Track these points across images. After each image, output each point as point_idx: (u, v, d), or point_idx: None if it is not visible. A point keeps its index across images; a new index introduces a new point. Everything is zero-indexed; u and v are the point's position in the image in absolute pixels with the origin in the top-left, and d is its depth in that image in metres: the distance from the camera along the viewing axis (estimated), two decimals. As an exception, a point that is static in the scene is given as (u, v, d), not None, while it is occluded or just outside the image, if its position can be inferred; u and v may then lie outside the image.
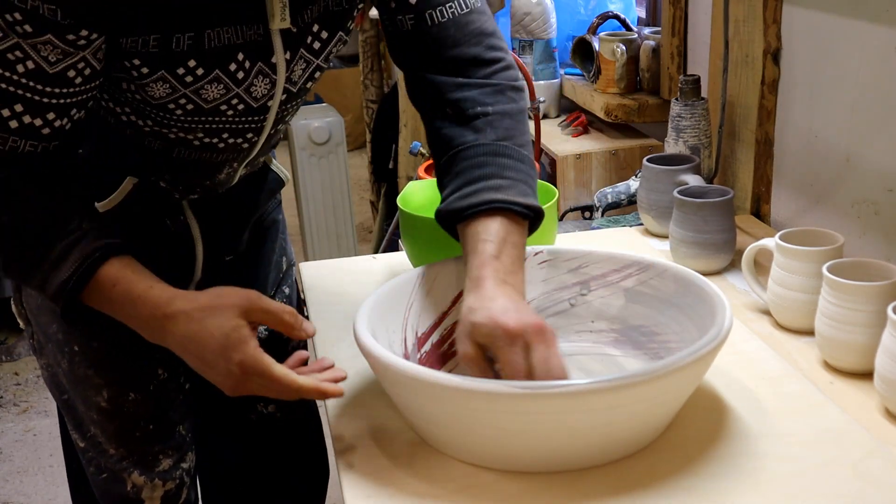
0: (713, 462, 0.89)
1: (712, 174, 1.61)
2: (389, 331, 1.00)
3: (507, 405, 0.82)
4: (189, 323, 0.92)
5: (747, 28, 1.51)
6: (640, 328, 1.06)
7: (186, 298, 0.94)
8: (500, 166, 1.01)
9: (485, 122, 1.04)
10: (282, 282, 1.38)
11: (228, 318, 0.92)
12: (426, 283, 1.06)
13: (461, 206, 1.00)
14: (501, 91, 1.06)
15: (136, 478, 1.24)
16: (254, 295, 0.94)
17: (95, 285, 0.94)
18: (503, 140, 1.03)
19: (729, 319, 0.91)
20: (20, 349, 3.15)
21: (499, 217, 0.98)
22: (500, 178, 1.00)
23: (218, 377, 0.93)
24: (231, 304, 0.93)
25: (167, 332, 0.94)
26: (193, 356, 0.94)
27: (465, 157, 1.03)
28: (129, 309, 0.95)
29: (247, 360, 0.91)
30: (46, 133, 0.96)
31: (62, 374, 1.23)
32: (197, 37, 0.96)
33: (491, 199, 0.98)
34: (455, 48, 1.06)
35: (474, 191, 1.00)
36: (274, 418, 1.42)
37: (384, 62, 3.95)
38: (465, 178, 1.01)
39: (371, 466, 0.91)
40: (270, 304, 0.94)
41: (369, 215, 4.12)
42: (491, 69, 1.07)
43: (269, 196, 1.34)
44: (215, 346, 0.91)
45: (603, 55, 2.04)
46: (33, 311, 1.22)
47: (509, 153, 1.03)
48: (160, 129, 1.07)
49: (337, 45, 1.09)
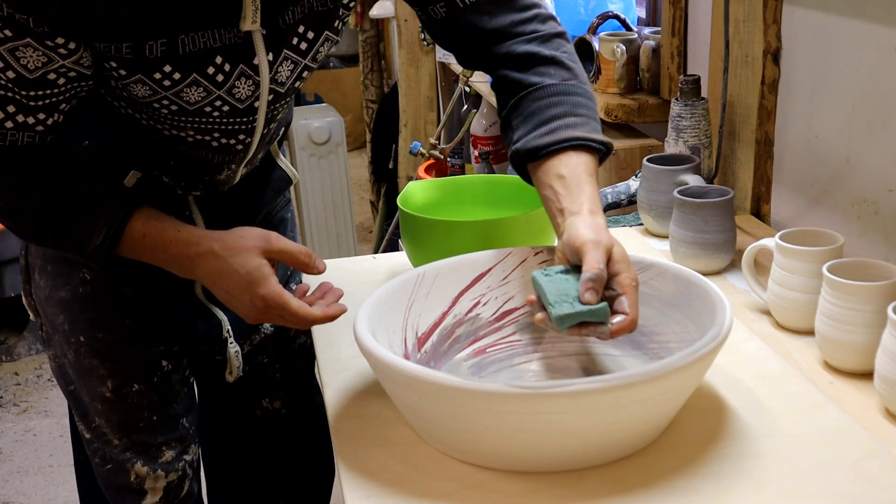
0: (713, 462, 0.89)
1: (712, 174, 1.61)
2: (389, 331, 1.00)
3: (507, 405, 0.82)
4: (217, 261, 1.03)
5: (747, 28, 1.51)
6: (641, 328, 1.06)
7: (213, 238, 1.04)
8: (573, 104, 1.05)
9: (547, 66, 1.08)
10: (290, 279, 1.39)
11: (252, 258, 1.03)
12: (426, 283, 1.06)
13: (542, 143, 1.02)
14: (550, 38, 1.10)
15: (139, 468, 1.25)
16: (273, 236, 1.05)
17: (127, 241, 1.04)
18: (568, 80, 1.07)
19: (729, 319, 0.91)
20: (20, 349, 3.16)
21: (580, 153, 1.01)
22: (575, 116, 1.04)
23: (242, 308, 1.04)
24: (253, 246, 1.04)
25: (198, 267, 1.04)
26: (222, 290, 1.04)
27: (535, 98, 1.06)
28: (161, 253, 1.05)
29: (269, 294, 1.02)
30: (41, 130, 1.00)
31: (68, 364, 1.24)
32: (170, 42, 0.97)
33: (572, 136, 1.02)
34: (493, 19, 1.10)
35: (554, 128, 1.03)
36: (279, 415, 1.42)
37: (384, 62, 3.95)
38: (539, 117, 1.05)
39: (371, 466, 0.91)
40: (288, 245, 1.05)
41: (369, 215, 4.13)
42: (533, 24, 1.11)
43: (275, 194, 1.34)
44: (241, 282, 1.02)
45: (603, 55, 2.04)
46: (41, 302, 1.23)
47: (578, 91, 1.07)
48: (154, 125, 1.08)
49: (325, 44, 1.09)
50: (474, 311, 1.09)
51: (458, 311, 1.08)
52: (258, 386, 1.40)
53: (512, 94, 1.09)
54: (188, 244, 1.04)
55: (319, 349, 1.17)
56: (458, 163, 2.90)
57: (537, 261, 1.10)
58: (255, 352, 1.36)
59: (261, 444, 1.45)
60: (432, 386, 0.84)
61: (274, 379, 1.41)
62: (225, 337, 1.27)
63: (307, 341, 1.40)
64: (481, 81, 2.61)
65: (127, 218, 1.03)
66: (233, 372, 1.29)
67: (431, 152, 2.64)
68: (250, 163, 1.20)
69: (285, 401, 1.42)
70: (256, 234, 1.05)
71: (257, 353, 1.36)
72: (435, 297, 1.07)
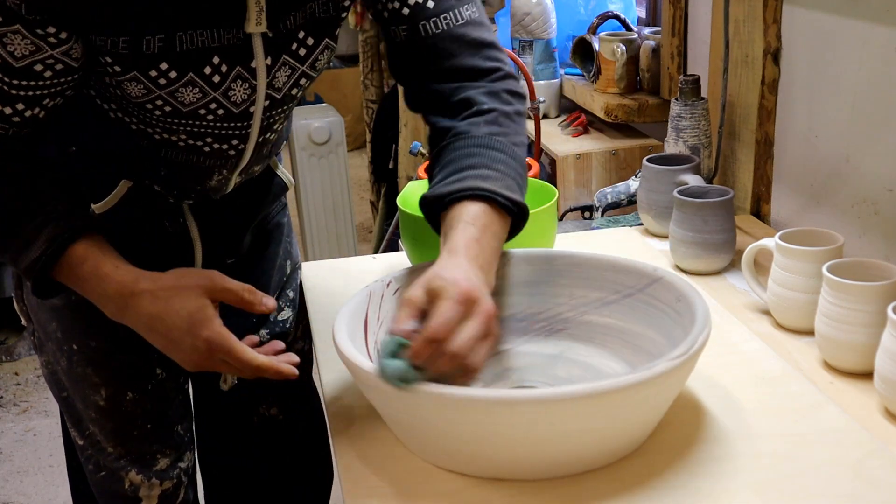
0: (712, 462, 0.89)
1: (712, 174, 1.61)
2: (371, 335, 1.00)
3: (479, 412, 0.81)
4: (155, 302, 0.97)
5: (747, 28, 1.51)
6: (618, 333, 1.05)
7: (151, 279, 0.98)
8: (491, 158, 1.00)
9: (479, 118, 1.03)
10: (286, 285, 1.38)
11: (193, 298, 0.97)
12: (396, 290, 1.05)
13: (444, 191, 0.98)
14: (498, 94, 1.06)
15: (133, 476, 1.24)
16: (216, 275, 1.00)
17: (65, 262, 0.98)
18: (497, 135, 1.02)
19: (708, 328, 0.89)
20: (20, 349, 3.15)
21: (482, 204, 0.96)
22: (489, 169, 0.99)
23: (182, 354, 0.98)
24: (195, 285, 0.98)
25: (132, 310, 0.98)
26: (159, 334, 0.98)
27: (455, 148, 1.02)
28: (96, 286, 0.99)
29: (213, 337, 0.96)
30: (17, 121, 0.98)
31: (61, 372, 1.23)
32: (168, 39, 0.95)
33: (475, 186, 0.97)
34: (452, 59, 1.06)
35: (460, 178, 0.98)
36: (276, 421, 1.42)
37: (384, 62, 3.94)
38: (453, 167, 1.00)
39: (370, 469, 0.91)
40: (231, 283, 1.00)
41: (369, 215, 4.12)
42: (490, 77, 1.07)
43: (271, 200, 1.33)
44: (181, 324, 0.96)
45: (603, 55, 2.04)
46: (34, 308, 1.22)
47: (501, 147, 1.01)
48: (145, 129, 1.06)
49: (324, 52, 1.08)
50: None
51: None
52: (255, 393, 1.39)
53: (438, 141, 1.05)
54: (123, 284, 0.98)
55: (319, 351, 1.17)
56: (458, 163, 2.89)
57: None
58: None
59: (259, 451, 1.44)
60: (408, 394, 0.83)
61: (271, 386, 1.40)
62: None
63: (304, 347, 1.40)
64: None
65: (71, 240, 0.98)
66: (227, 381, 1.28)
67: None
68: (245, 172, 1.19)
69: (282, 407, 1.41)
70: (198, 273, 1.00)
71: None
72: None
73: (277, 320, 1.35)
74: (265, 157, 1.21)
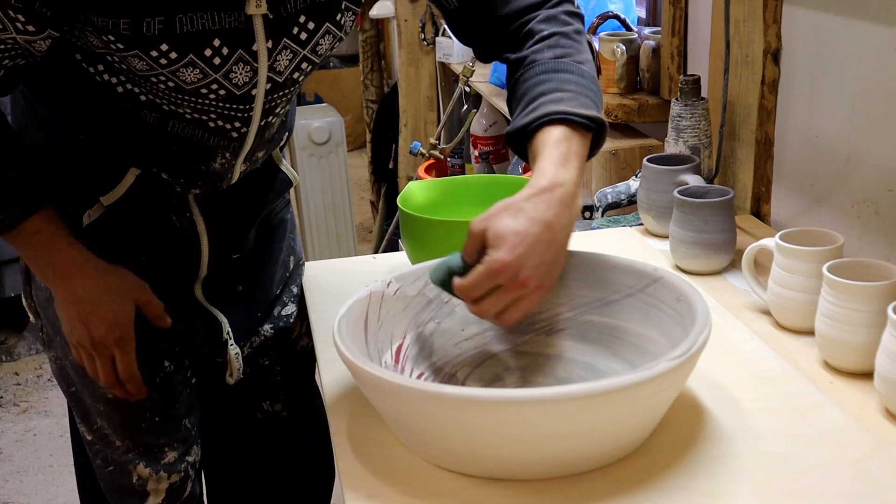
0: (712, 462, 0.89)
1: (712, 174, 1.61)
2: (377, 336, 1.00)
3: (479, 412, 0.81)
4: (95, 289, 1.11)
5: (747, 28, 1.51)
6: (618, 333, 1.05)
7: (98, 267, 1.12)
8: (561, 80, 1.02)
9: (542, 44, 1.06)
10: (289, 280, 1.38)
11: (126, 302, 1.13)
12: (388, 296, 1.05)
13: (523, 123, 1.00)
14: (556, 17, 1.09)
15: (141, 470, 1.25)
16: (147, 288, 1.16)
17: (21, 230, 1.08)
18: (562, 57, 1.05)
19: (708, 328, 0.89)
20: (20, 349, 3.16)
21: (561, 126, 0.98)
22: (561, 92, 1.01)
23: (82, 335, 1.13)
24: (131, 289, 1.14)
25: (69, 283, 1.11)
26: (77, 312, 1.12)
27: (526, 78, 1.04)
28: (45, 256, 1.10)
29: (124, 337, 1.13)
30: None
31: (70, 366, 1.24)
32: (168, 21, 0.96)
33: (551, 111, 0.99)
34: (506, 5, 1.09)
35: (536, 106, 1.00)
36: (280, 417, 1.42)
37: (384, 62, 3.95)
38: (528, 96, 1.03)
39: (371, 467, 0.91)
40: (155, 300, 1.17)
41: (369, 215, 4.13)
42: (547, 5, 1.10)
43: (276, 196, 1.34)
44: (106, 316, 1.11)
45: (603, 55, 2.04)
46: (42, 304, 1.23)
47: (568, 68, 1.04)
48: (153, 99, 1.07)
49: (325, 37, 1.08)
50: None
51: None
52: (259, 388, 1.40)
53: (511, 76, 1.08)
54: (73, 259, 1.10)
55: (319, 350, 1.17)
56: (458, 163, 2.90)
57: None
58: (256, 354, 1.36)
59: (261, 446, 1.45)
60: (394, 387, 0.84)
61: (275, 381, 1.41)
62: (225, 339, 1.27)
63: (308, 344, 1.40)
64: (481, 81, 2.61)
65: (28, 215, 1.06)
66: (233, 374, 1.28)
67: (431, 152, 2.65)
68: (249, 160, 1.19)
69: (286, 403, 1.42)
70: (135, 281, 1.15)
71: (258, 355, 1.36)
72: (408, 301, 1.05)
73: (281, 315, 1.36)
74: (268, 143, 1.22)
